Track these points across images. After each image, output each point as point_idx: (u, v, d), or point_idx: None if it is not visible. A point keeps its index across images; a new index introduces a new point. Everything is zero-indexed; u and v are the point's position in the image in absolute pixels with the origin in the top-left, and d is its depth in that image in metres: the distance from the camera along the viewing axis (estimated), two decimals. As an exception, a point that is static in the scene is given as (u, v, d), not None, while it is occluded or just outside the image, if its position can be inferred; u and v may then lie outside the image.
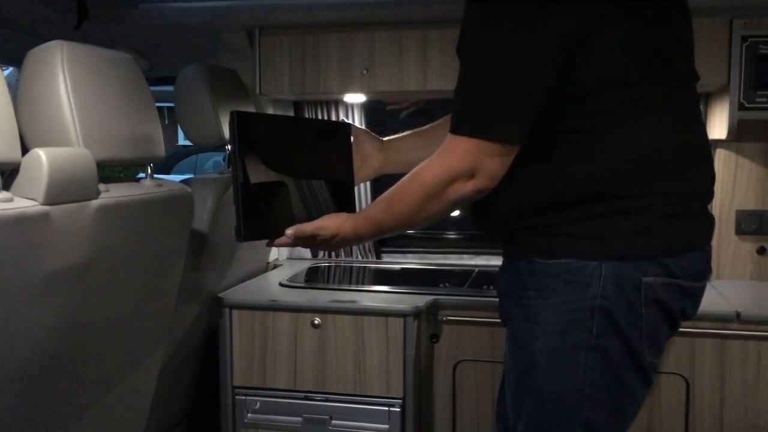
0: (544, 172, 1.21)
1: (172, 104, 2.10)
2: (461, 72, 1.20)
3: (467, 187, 1.20)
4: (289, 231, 1.47)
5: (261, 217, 1.51)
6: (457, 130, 1.19)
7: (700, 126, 1.31)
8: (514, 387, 1.31)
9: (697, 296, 1.29)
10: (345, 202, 1.63)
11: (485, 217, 1.32)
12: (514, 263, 1.30)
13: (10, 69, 2.67)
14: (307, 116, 2.53)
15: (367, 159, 1.69)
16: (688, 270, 1.23)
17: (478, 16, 1.17)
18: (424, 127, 1.68)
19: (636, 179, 1.19)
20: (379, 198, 1.36)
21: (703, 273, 1.28)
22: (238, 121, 1.46)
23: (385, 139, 1.71)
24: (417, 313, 1.91)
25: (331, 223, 1.44)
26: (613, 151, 1.18)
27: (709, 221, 1.31)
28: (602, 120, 1.18)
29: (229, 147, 2.09)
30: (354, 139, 1.67)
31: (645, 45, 1.18)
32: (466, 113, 1.19)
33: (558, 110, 1.18)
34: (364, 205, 2.53)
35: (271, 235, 1.52)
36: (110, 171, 1.43)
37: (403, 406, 1.93)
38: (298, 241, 1.49)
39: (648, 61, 1.18)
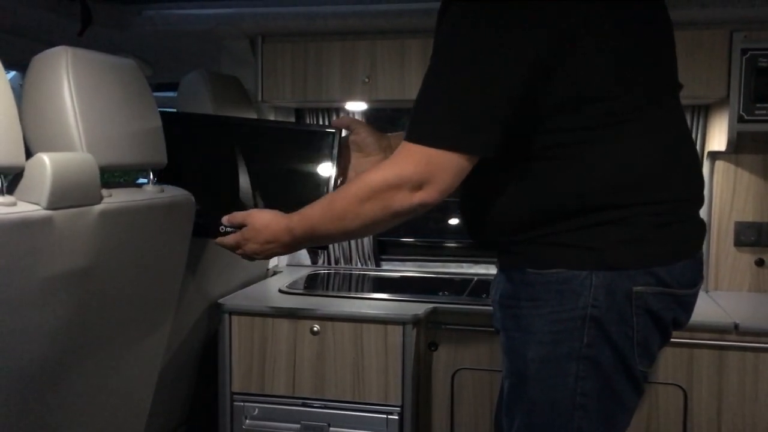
0: (534, 185, 1.21)
1: (173, 110, 2.10)
2: (425, 78, 1.18)
3: (413, 199, 1.17)
4: (225, 218, 1.46)
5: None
6: (412, 137, 1.16)
7: (685, 133, 1.31)
8: (508, 395, 1.31)
9: (689, 304, 1.29)
10: None
11: (478, 229, 1.32)
12: (507, 273, 1.30)
13: (13, 73, 2.68)
14: (304, 121, 2.54)
15: (372, 158, 1.65)
16: (680, 278, 1.23)
17: (453, 21, 1.15)
18: None
19: (625, 189, 1.19)
20: (321, 198, 1.33)
21: (694, 280, 1.28)
22: (169, 121, 1.51)
23: (392, 135, 1.67)
24: (416, 321, 1.92)
25: (263, 214, 1.40)
26: (601, 162, 1.18)
27: (699, 228, 1.30)
28: (589, 133, 1.18)
29: None
30: (357, 138, 1.64)
31: (626, 55, 1.18)
32: (424, 121, 1.16)
33: (544, 123, 1.17)
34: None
35: (219, 235, 1.53)
36: (110, 176, 1.44)
37: (401, 414, 1.93)
38: (230, 238, 1.45)
39: (631, 71, 1.18)
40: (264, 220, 1.39)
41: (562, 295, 1.21)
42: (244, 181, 1.65)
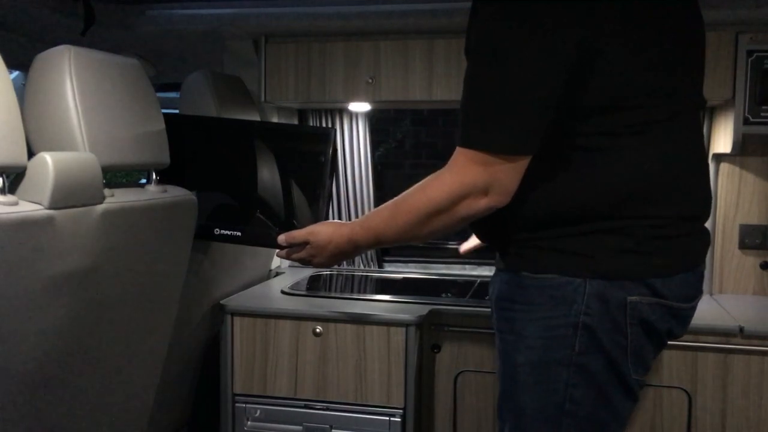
0: (537, 188, 1.20)
1: (176, 111, 2.10)
2: (468, 79, 1.17)
3: (479, 204, 1.18)
4: (282, 237, 1.47)
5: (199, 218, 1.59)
6: (468, 143, 1.16)
7: (699, 151, 1.29)
8: (499, 398, 1.31)
9: (685, 317, 1.28)
10: (312, 209, 1.64)
11: (481, 226, 1.31)
12: (503, 275, 1.30)
13: (16, 73, 2.68)
14: (307, 122, 2.54)
15: None
16: (677, 291, 1.22)
17: (486, 21, 1.14)
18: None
19: (627, 201, 1.17)
20: (381, 207, 1.33)
21: (692, 294, 1.27)
22: (169, 125, 1.52)
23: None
24: (419, 323, 1.91)
25: (323, 229, 1.42)
26: (606, 171, 1.17)
27: (702, 242, 1.29)
28: (601, 140, 1.17)
29: None
30: None
31: (653, 66, 1.16)
32: (477, 124, 1.15)
33: (560, 127, 1.16)
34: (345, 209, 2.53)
35: (213, 236, 1.66)
36: (112, 176, 1.43)
37: (403, 416, 1.92)
38: (290, 252, 1.48)
39: (652, 84, 1.17)
40: (326, 235, 1.41)
41: (555, 300, 1.20)
42: (239, 182, 1.66)
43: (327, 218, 1.64)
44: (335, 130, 1.66)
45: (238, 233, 1.65)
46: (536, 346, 1.22)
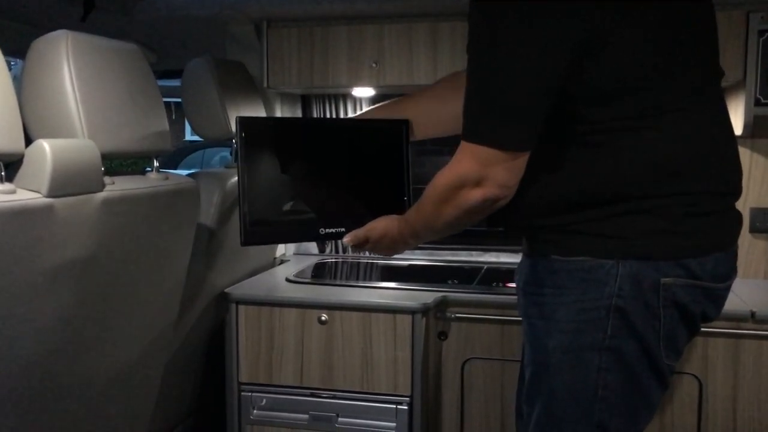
0: (564, 171, 1.19)
1: (178, 100, 2.08)
2: (468, 75, 1.18)
3: (476, 195, 1.18)
4: (346, 239, 1.49)
5: (267, 223, 1.49)
6: (464, 135, 1.18)
7: (724, 124, 1.27)
8: (528, 383, 1.30)
9: (720, 297, 1.27)
10: (393, 202, 1.58)
11: (504, 214, 1.30)
12: (532, 260, 1.29)
13: (18, 62, 2.66)
14: (310, 108, 2.50)
15: None
16: (712, 271, 1.20)
17: (483, 17, 1.14)
18: (430, 87, 1.63)
19: (657, 180, 1.16)
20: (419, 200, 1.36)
21: (727, 274, 1.25)
22: (244, 125, 1.45)
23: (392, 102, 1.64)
24: (425, 310, 1.89)
25: (379, 224, 1.45)
26: (633, 152, 1.16)
27: (734, 221, 1.27)
28: (623, 122, 1.15)
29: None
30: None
31: (665, 46, 1.15)
32: (474, 119, 1.17)
33: (580, 112, 1.15)
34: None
35: (282, 238, 1.63)
36: (117, 165, 1.41)
37: (410, 404, 1.91)
38: (356, 246, 1.50)
39: (669, 62, 1.15)
40: (380, 230, 1.44)
41: (587, 283, 1.19)
42: (323, 182, 1.58)
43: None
44: (408, 121, 1.61)
45: (342, 229, 1.57)
46: (568, 330, 1.21)
